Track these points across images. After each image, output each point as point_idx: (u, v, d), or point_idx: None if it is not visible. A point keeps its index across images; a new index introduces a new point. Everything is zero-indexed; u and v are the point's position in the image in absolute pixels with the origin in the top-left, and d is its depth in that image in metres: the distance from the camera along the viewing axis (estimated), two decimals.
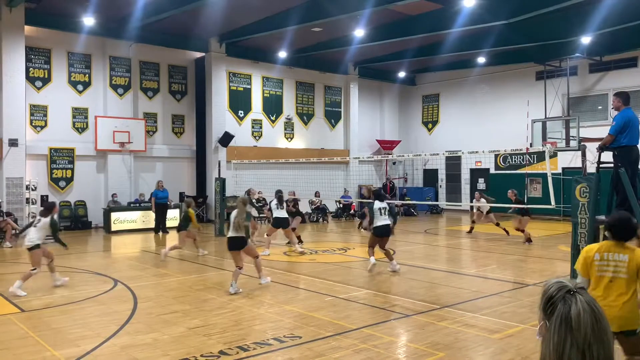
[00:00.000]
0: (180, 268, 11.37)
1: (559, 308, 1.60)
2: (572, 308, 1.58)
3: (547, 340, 1.61)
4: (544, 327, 1.65)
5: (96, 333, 6.57)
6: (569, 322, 1.56)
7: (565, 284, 1.65)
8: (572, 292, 1.62)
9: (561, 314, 1.58)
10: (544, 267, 11.39)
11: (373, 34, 19.53)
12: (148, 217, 18.48)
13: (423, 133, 27.92)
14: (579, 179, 8.50)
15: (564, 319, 1.57)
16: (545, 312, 1.65)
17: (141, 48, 19.90)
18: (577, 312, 1.57)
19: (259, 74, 23.16)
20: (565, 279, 1.67)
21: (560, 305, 1.60)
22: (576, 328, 1.55)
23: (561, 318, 1.58)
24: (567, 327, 1.56)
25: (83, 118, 19.16)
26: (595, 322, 1.57)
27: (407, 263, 11.82)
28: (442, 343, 6.17)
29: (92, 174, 19.29)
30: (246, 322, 7.06)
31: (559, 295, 1.62)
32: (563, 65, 21.33)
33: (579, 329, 1.55)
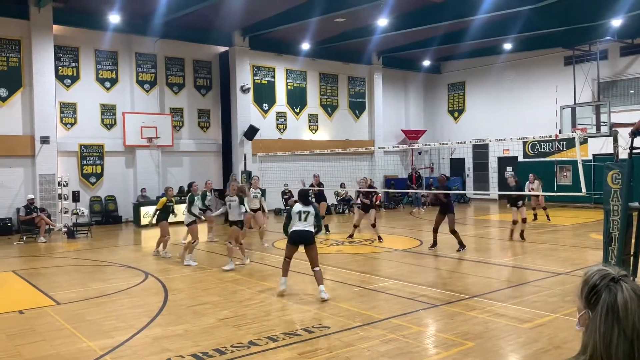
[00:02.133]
0: (208, 261, 11.51)
1: (604, 297, 1.54)
2: (618, 296, 1.52)
3: (592, 331, 1.55)
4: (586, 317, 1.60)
5: (129, 325, 6.71)
6: (616, 312, 1.51)
7: (608, 271, 1.59)
8: (616, 279, 1.57)
9: (607, 303, 1.53)
10: (575, 256, 11.18)
11: (397, 23, 19.34)
12: (177, 210, 18.69)
13: (449, 122, 27.60)
14: (610, 165, 8.29)
15: (610, 308, 1.52)
16: (589, 302, 1.59)
17: (166, 44, 20.10)
18: (623, 301, 1.51)
19: (283, 66, 23.19)
20: (608, 266, 1.62)
21: (605, 294, 1.55)
22: (624, 317, 1.50)
23: (607, 307, 1.52)
24: (614, 317, 1.51)
25: (111, 114, 19.49)
26: None
27: (435, 253, 11.75)
28: (471, 333, 6.13)
29: (121, 169, 19.63)
30: (275, 313, 7.12)
31: (603, 283, 1.57)
32: (592, 49, 20.77)
33: (627, 318, 1.50)
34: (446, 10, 17.93)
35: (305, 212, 8.03)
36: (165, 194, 12.66)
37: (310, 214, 8.08)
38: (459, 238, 11.63)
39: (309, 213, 8.09)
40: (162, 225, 11.89)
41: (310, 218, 7.98)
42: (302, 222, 7.97)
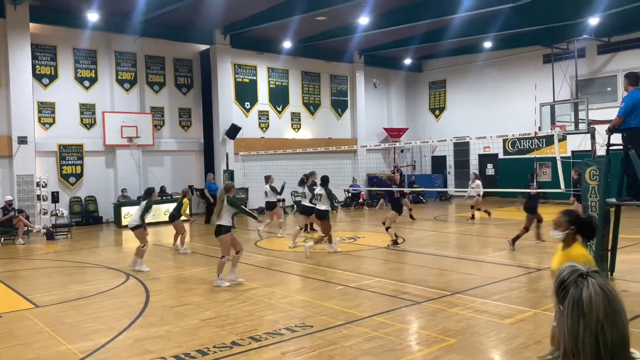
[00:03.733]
0: (191, 261, 11.44)
1: (571, 292, 1.58)
2: (583, 291, 1.56)
3: (561, 326, 1.59)
4: (559, 312, 1.63)
5: (109, 327, 6.64)
6: (581, 306, 1.54)
7: (578, 267, 1.62)
8: (585, 275, 1.60)
9: (573, 297, 1.57)
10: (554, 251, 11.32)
11: (378, 21, 19.40)
12: (157, 210, 18.56)
13: (430, 120, 27.78)
14: (588, 162, 8.43)
15: (576, 302, 1.55)
16: (559, 297, 1.63)
17: (146, 42, 19.90)
18: (588, 296, 1.55)
19: (264, 65, 23.11)
20: (579, 263, 1.65)
21: (572, 289, 1.58)
22: (588, 312, 1.53)
23: (573, 302, 1.56)
24: (580, 311, 1.54)
25: (90, 114, 19.24)
26: (608, 304, 1.54)
27: (417, 250, 11.83)
28: (453, 329, 6.18)
29: (101, 169, 19.40)
30: (258, 313, 7.10)
31: (571, 279, 1.60)
32: (571, 47, 21.08)
33: (591, 313, 1.53)
34: (427, 8, 18.04)
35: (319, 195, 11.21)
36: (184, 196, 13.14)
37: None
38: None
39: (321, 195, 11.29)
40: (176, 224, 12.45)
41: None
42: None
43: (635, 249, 11.00)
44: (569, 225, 3.93)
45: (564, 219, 3.98)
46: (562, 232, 3.95)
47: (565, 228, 3.93)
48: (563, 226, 3.95)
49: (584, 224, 3.99)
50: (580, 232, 3.98)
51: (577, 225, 3.95)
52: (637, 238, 12.06)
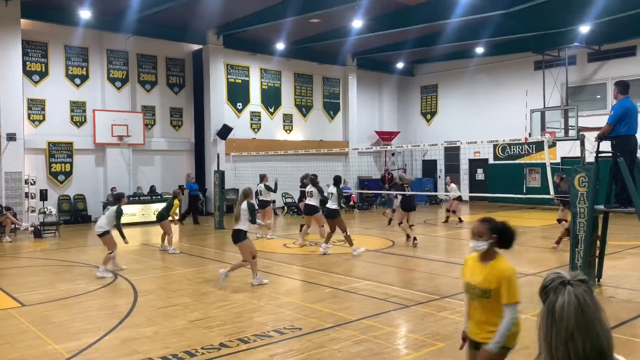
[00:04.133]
0: (180, 261, 11.38)
1: (550, 298, 1.61)
2: (558, 299, 1.59)
3: (539, 330, 1.63)
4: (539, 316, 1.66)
5: (97, 326, 6.59)
6: (554, 313, 1.57)
7: (563, 274, 1.65)
8: (565, 283, 1.62)
9: (549, 304, 1.60)
10: (544, 256, 11.41)
11: (371, 25, 19.45)
12: (147, 210, 18.50)
13: (422, 124, 27.89)
14: (578, 168, 8.49)
15: (550, 309, 1.59)
16: (542, 302, 1.66)
17: (138, 41, 19.81)
18: (561, 303, 1.57)
19: (257, 65, 23.09)
20: (566, 271, 1.67)
21: (551, 295, 1.62)
22: (559, 319, 1.56)
23: (548, 308, 1.60)
24: (552, 318, 1.57)
25: (81, 112, 19.12)
26: (581, 314, 1.56)
27: (407, 254, 11.86)
28: (442, 333, 6.19)
29: (90, 167, 19.27)
30: (246, 315, 7.08)
31: (552, 285, 1.63)
32: (561, 54, 21.26)
33: (562, 320, 1.56)
34: (419, 13, 18.12)
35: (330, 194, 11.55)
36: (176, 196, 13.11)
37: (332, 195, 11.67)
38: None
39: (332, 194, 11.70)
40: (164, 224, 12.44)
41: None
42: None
43: (623, 256, 11.10)
44: (491, 234, 3.48)
45: (485, 226, 3.52)
46: (486, 241, 3.49)
47: (489, 237, 3.48)
48: (486, 235, 3.48)
49: (504, 231, 3.52)
50: (500, 241, 3.52)
51: (499, 233, 3.50)
52: (625, 245, 12.18)
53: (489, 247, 3.51)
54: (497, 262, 3.53)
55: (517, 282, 3.48)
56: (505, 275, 3.46)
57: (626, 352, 5.53)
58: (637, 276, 9.23)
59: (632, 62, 20.62)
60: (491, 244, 3.50)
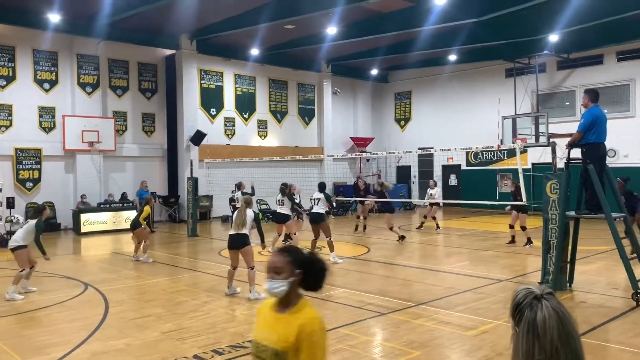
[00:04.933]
0: (152, 270, 11.17)
1: (526, 314, 1.61)
2: (538, 314, 1.59)
3: (517, 348, 1.62)
4: (515, 334, 1.65)
5: (66, 340, 6.39)
6: (536, 329, 1.57)
7: (533, 289, 1.66)
8: (539, 297, 1.63)
9: (528, 320, 1.60)
10: (516, 262, 11.56)
11: (346, 32, 19.53)
12: (119, 217, 18.15)
13: (396, 130, 28.09)
14: (549, 175, 8.63)
15: (531, 325, 1.59)
16: (514, 319, 1.66)
17: (110, 45, 19.48)
18: (542, 318, 1.58)
19: (231, 71, 22.94)
20: (534, 285, 1.68)
21: (527, 311, 1.62)
22: (542, 334, 1.56)
23: (528, 324, 1.59)
24: (534, 334, 1.57)
25: (50, 117, 18.68)
26: (562, 326, 1.58)
27: (382, 260, 11.87)
28: (417, 341, 6.19)
29: (60, 174, 18.83)
30: (221, 325, 6.97)
31: (526, 301, 1.64)
32: (532, 62, 21.68)
33: (545, 335, 1.56)
34: (393, 20, 18.26)
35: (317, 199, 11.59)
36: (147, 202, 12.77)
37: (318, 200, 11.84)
38: None
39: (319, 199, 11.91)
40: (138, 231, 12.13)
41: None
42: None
43: (592, 261, 11.31)
44: (294, 269, 2.47)
45: (284, 259, 2.50)
46: (285, 280, 2.44)
47: (290, 274, 2.46)
48: (286, 271, 2.46)
49: (312, 265, 2.52)
50: (305, 280, 2.49)
51: (305, 268, 2.49)
52: (595, 250, 12.42)
53: (290, 289, 2.45)
54: (300, 310, 2.46)
55: (324, 342, 2.43)
56: (307, 330, 2.38)
57: (598, 357, 5.62)
58: (607, 281, 9.41)
59: (600, 70, 21.15)
60: (292, 284, 2.46)
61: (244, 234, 8.58)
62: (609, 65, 21.06)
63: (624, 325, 6.85)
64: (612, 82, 20.69)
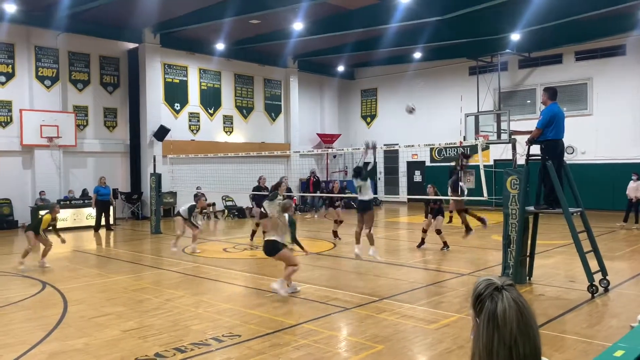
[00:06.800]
0: (114, 268, 10.94)
1: (487, 305, 1.62)
2: (498, 305, 1.60)
3: (477, 339, 1.63)
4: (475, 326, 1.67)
5: (20, 340, 6.19)
6: (496, 319, 1.58)
7: (494, 281, 1.67)
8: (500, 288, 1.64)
9: (489, 311, 1.61)
10: (478, 256, 11.79)
11: (312, 28, 19.50)
12: (79, 214, 17.72)
13: (362, 127, 28.24)
14: (509, 171, 8.82)
15: (491, 316, 1.60)
16: (475, 310, 1.67)
17: (70, 38, 18.95)
18: (502, 309, 1.59)
19: (196, 65, 22.63)
20: (494, 277, 1.69)
21: (488, 302, 1.63)
22: (502, 325, 1.58)
23: (489, 315, 1.60)
24: (494, 324, 1.58)
25: (6, 111, 18.07)
26: (521, 317, 1.60)
27: (347, 255, 11.92)
28: (381, 335, 6.24)
29: (17, 170, 18.24)
30: (183, 323, 6.88)
31: (487, 292, 1.64)
32: (494, 60, 22.12)
33: (505, 326, 1.58)
34: (359, 17, 18.33)
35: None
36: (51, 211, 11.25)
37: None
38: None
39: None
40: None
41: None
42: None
43: (551, 254, 11.62)
44: None
45: None
46: None
47: None
48: None
49: None
50: None
51: None
52: (553, 244, 12.76)
53: None
54: None
55: None
56: None
57: (555, 348, 5.78)
58: (565, 274, 9.68)
59: (559, 69, 21.73)
60: None
61: (275, 240, 8.27)
62: (568, 65, 21.66)
63: (580, 317, 7.07)
64: (571, 80, 21.30)
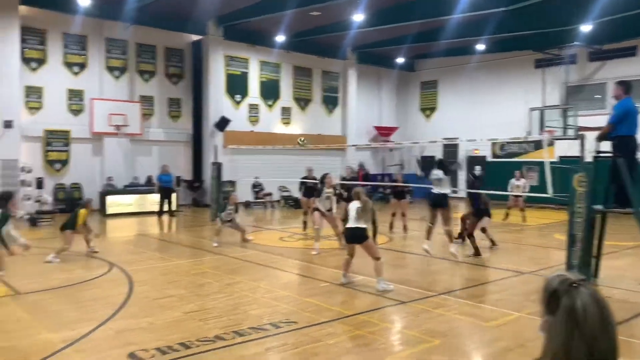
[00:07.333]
0: (176, 252, 11.35)
1: (564, 302, 1.56)
2: (577, 301, 1.55)
3: (552, 336, 1.57)
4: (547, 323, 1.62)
5: (91, 316, 6.55)
6: (576, 316, 1.53)
7: (567, 276, 1.61)
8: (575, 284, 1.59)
9: (566, 308, 1.55)
10: (539, 255, 11.42)
11: (372, 19, 19.37)
12: (144, 200, 18.44)
13: (421, 120, 27.84)
14: (576, 168, 8.48)
15: (570, 312, 1.54)
16: (549, 307, 1.61)
17: (138, 30, 19.68)
18: (582, 305, 1.54)
19: (257, 58, 22.98)
20: (567, 272, 1.64)
21: (565, 299, 1.57)
22: (582, 321, 1.52)
23: (567, 312, 1.54)
24: (574, 321, 1.53)
25: (79, 100, 19.00)
26: (601, 313, 1.54)
27: (404, 250, 11.84)
28: (437, 330, 6.18)
29: (87, 156, 19.19)
30: (242, 307, 7.05)
31: (562, 288, 1.59)
32: (562, 53, 21.24)
33: (586, 322, 1.52)
34: (421, 8, 18.04)
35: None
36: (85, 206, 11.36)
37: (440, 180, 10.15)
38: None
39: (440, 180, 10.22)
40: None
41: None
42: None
43: (620, 256, 11.10)
44: None
45: None
46: None
47: None
48: None
49: None
50: None
51: None
52: (622, 245, 12.18)
53: None
54: None
55: None
56: None
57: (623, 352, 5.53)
58: (633, 276, 9.23)
59: (633, 62, 20.60)
60: None
61: (364, 228, 8.21)
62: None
63: None
64: None
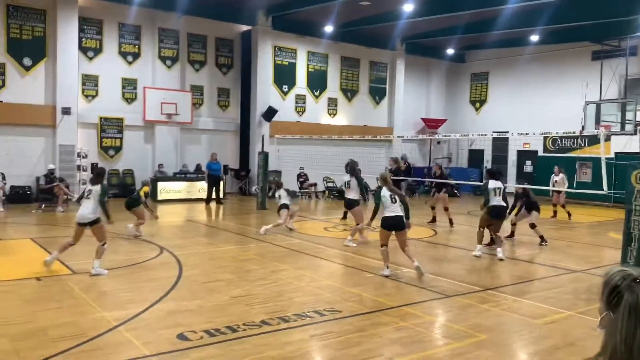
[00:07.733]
0: (223, 238, 11.59)
1: (626, 298, 1.53)
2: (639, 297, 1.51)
3: (614, 332, 1.54)
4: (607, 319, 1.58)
5: (143, 297, 6.79)
6: (639, 312, 1.49)
7: (630, 272, 1.57)
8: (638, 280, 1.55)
9: (629, 303, 1.51)
10: (591, 254, 11.06)
11: (422, 9, 19.05)
12: (193, 187, 18.87)
13: (470, 112, 27.29)
14: (635, 164, 8.15)
15: (633, 308, 1.50)
16: (610, 303, 1.58)
17: (189, 20, 20.06)
18: None
19: (305, 48, 23.04)
20: (628, 267, 1.60)
21: (627, 294, 1.53)
22: None
23: (630, 308, 1.51)
24: (637, 317, 1.49)
25: (132, 88, 19.58)
26: None
27: (449, 244, 11.70)
28: (484, 325, 6.10)
29: (139, 143, 19.77)
30: (287, 294, 7.16)
31: (625, 284, 1.55)
32: (622, 44, 20.33)
33: None
34: None
35: (498, 189, 8.97)
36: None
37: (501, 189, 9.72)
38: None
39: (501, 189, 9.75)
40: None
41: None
42: (498, 197, 8.75)
43: None
44: None
45: None
46: None
47: None
48: None
49: None
50: None
51: None
52: None
53: None
54: None
55: None
56: None
57: None
58: None
59: None
60: None
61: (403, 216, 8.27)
62: None
63: None
64: None
